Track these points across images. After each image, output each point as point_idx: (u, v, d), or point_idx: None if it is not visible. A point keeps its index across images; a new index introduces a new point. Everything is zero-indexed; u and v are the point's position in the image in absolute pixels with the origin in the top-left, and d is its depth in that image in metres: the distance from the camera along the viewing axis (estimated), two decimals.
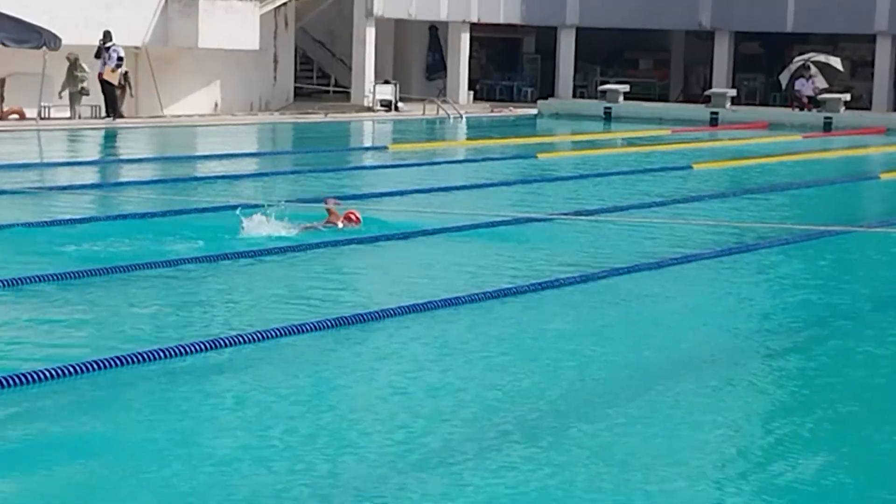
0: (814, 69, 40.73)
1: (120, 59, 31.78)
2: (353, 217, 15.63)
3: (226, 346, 9.87)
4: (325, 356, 9.94)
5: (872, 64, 43.20)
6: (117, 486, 7.06)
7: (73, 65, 31.16)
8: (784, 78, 41.53)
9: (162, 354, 9.48)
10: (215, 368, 9.46)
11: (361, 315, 10.97)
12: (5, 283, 11.80)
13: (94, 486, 7.07)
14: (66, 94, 31.36)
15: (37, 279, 12.01)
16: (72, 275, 12.35)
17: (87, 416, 8.28)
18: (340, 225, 15.49)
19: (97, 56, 31.77)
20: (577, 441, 8.02)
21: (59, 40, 30.37)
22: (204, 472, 7.29)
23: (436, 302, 11.59)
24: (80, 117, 31.44)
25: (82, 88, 31.38)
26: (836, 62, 41.33)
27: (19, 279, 11.92)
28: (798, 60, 41.39)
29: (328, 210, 15.79)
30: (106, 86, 31.83)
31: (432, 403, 8.75)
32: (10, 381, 8.61)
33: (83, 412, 8.36)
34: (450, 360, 9.94)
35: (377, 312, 11.07)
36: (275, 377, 9.31)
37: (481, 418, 8.40)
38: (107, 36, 31.84)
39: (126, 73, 32.49)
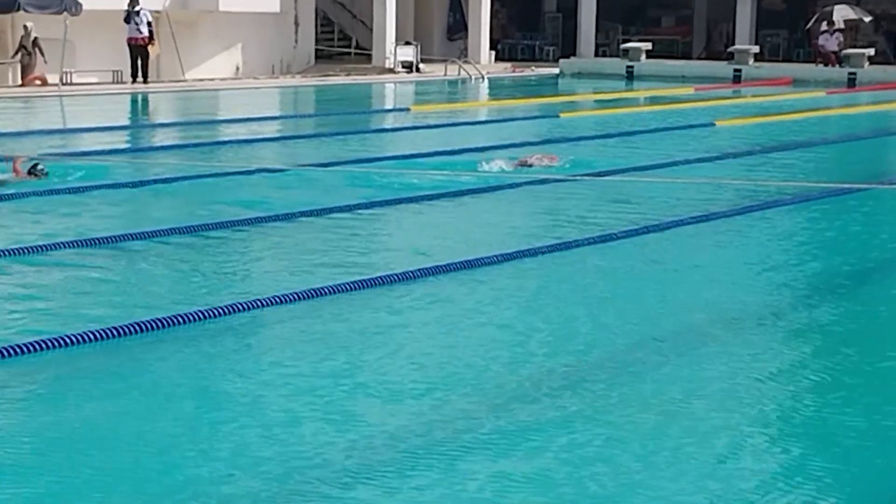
0: (839, 21, 40.42)
1: (149, 23, 31.96)
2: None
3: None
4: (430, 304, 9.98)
5: None
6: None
7: (27, 33, 31.10)
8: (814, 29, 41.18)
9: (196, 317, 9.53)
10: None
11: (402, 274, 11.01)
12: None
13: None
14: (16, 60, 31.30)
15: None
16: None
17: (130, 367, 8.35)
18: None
19: (126, 21, 31.86)
20: (607, 395, 8.04)
21: (80, 5, 30.46)
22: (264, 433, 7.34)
23: (454, 264, 11.58)
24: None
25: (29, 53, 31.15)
26: (865, 16, 41.11)
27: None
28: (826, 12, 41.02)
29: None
30: (139, 50, 31.96)
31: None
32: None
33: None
34: (469, 320, 9.96)
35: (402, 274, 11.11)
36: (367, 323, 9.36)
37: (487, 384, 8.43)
38: (135, 0, 31.91)
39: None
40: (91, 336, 8.96)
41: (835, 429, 7.74)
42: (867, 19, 41.82)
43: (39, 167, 16.27)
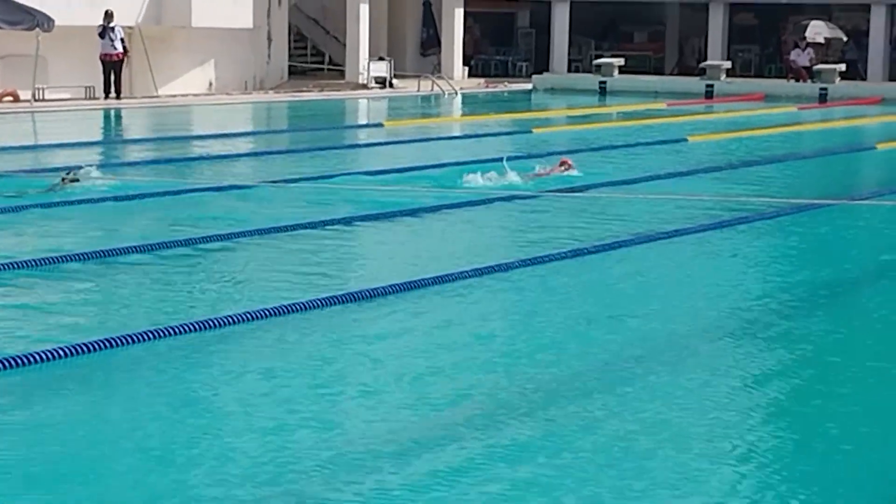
0: (814, 37, 40.62)
1: (122, 39, 31.98)
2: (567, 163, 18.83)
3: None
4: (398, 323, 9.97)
5: (867, 33, 43.15)
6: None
7: None
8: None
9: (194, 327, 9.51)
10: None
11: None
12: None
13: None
14: None
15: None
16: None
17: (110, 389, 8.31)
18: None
19: (101, 36, 31.83)
20: (572, 413, 8.04)
21: (52, 21, 30.36)
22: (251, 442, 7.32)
23: (425, 280, 11.57)
24: None
25: None
26: (841, 35, 41.38)
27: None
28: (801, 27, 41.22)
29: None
30: (113, 66, 31.93)
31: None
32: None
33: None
34: (448, 333, 9.96)
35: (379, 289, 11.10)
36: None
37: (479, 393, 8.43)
38: (109, 16, 31.88)
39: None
40: (62, 352, 8.91)
41: (810, 437, 7.80)
42: (844, 38, 42.04)
43: (70, 175, 16.70)
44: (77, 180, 16.56)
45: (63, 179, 16.58)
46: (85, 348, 9.05)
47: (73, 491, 6.75)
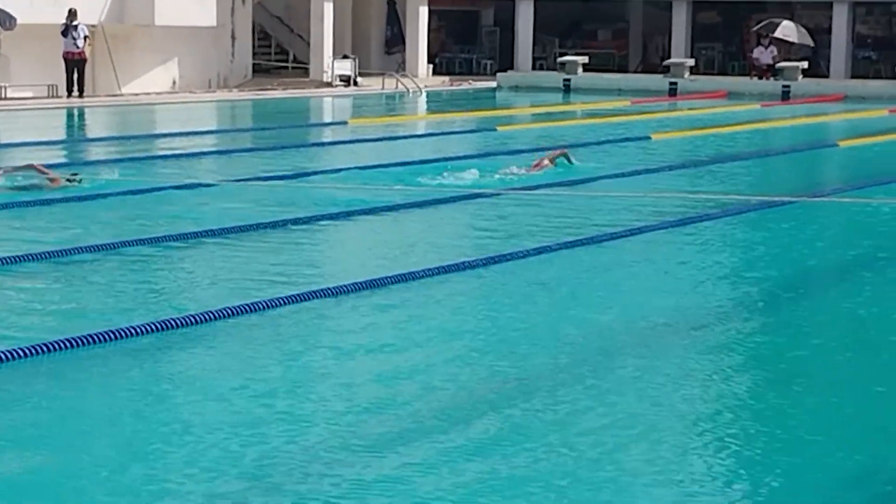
0: (782, 33, 40.78)
1: (86, 37, 31.81)
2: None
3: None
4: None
5: (829, 31, 43.37)
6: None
7: None
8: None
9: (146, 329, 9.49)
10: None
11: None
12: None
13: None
14: None
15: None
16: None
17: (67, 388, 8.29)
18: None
19: (64, 34, 31.66)
20: (543, 408, 8.07)
21: (15, 20, 30.21)
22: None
23: (392, 277, 11.58)
24: None
25: None
26: (808, 41, 41.59)
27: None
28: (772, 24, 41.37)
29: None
30: (76, 64, 31.76)
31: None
32: None
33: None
34: (411, 330, 9.98)
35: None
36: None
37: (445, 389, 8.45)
38: (73, 14, 31.71)
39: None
40: (23, 352, 8.88)
41: (778, 429, 7.86)
42: (810, 44, 42.22)
43: (78, 176, 16.97)
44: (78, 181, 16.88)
45: (68, 180, 16.87)
46: (46, 348, 9.03)
47: (48, 486, 6.74)
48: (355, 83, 39.18)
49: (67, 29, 31.69)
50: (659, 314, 10.79)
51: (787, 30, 41.30)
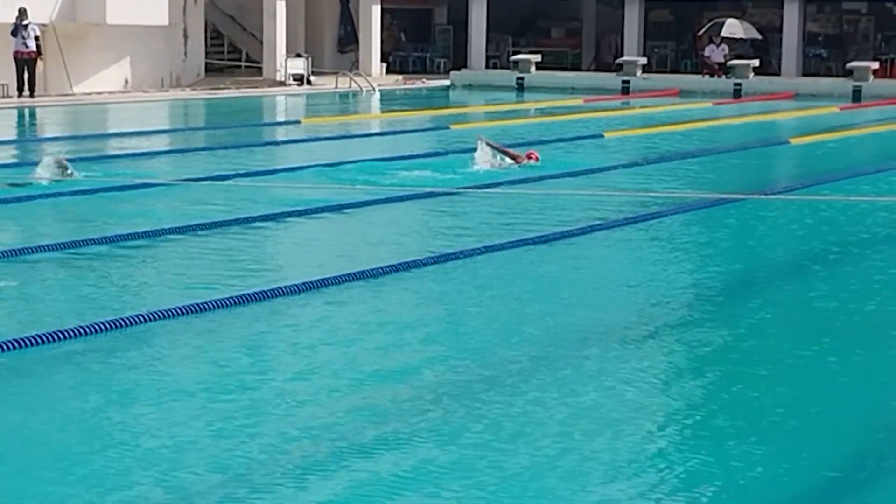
0: (728, 32, 41.06)
1: (36, 37, 31.58)
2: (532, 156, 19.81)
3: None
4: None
5: (780, 29, 43.64)
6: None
7: None
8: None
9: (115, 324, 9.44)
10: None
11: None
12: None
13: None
14: None
15: None
16: None
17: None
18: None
19: (14, 34, 31.43)
20: (497, 402, 8.10)
21: None
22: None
23: (347, 275, 11.59)
24: None
25: None
26: (755, 35, 41.89)
27: None
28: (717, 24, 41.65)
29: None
30: (27, 63, 31.53)
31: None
32: None
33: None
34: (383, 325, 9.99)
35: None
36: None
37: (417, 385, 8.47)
38: (23, 13, 31.48)
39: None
40: None
41: (739, 420, 7.92)
42: (758, 37, 42.49)
43: (68, 171, 17.23)
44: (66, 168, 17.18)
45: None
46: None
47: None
48: (309, 82, 39.11)
49: (17, 28, 31.45)
50: (615, 310, 10.85)
51: (733, 27, 41.59)
